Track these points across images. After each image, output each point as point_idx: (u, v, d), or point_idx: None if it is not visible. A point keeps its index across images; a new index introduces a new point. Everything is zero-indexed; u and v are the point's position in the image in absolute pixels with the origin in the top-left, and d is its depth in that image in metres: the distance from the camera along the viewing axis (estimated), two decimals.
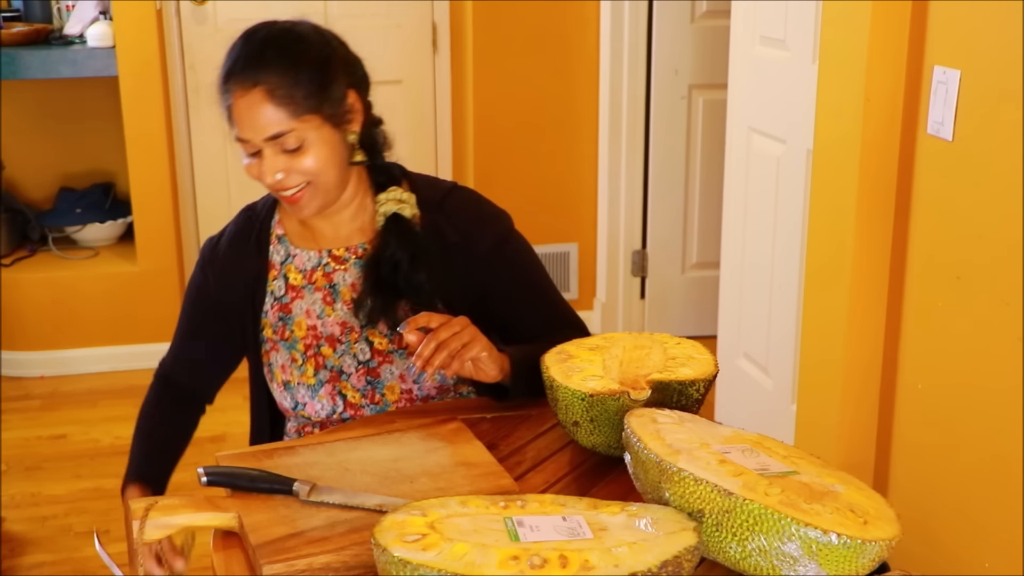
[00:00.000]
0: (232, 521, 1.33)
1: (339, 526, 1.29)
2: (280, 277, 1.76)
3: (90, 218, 4.06)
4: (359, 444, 1.50)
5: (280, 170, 1.62)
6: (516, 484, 1.41)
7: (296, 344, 1.74)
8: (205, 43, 4.04)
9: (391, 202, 1.72)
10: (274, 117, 1.59)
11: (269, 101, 1.59)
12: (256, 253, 1.77)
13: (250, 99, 1.60)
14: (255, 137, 1.61)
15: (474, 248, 1.74)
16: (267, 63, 1.60)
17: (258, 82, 1.59)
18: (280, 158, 1.61)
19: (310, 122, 1.61)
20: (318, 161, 1.62)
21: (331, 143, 1.64)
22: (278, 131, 1.59)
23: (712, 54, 3.82)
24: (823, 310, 2.45)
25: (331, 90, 1.63)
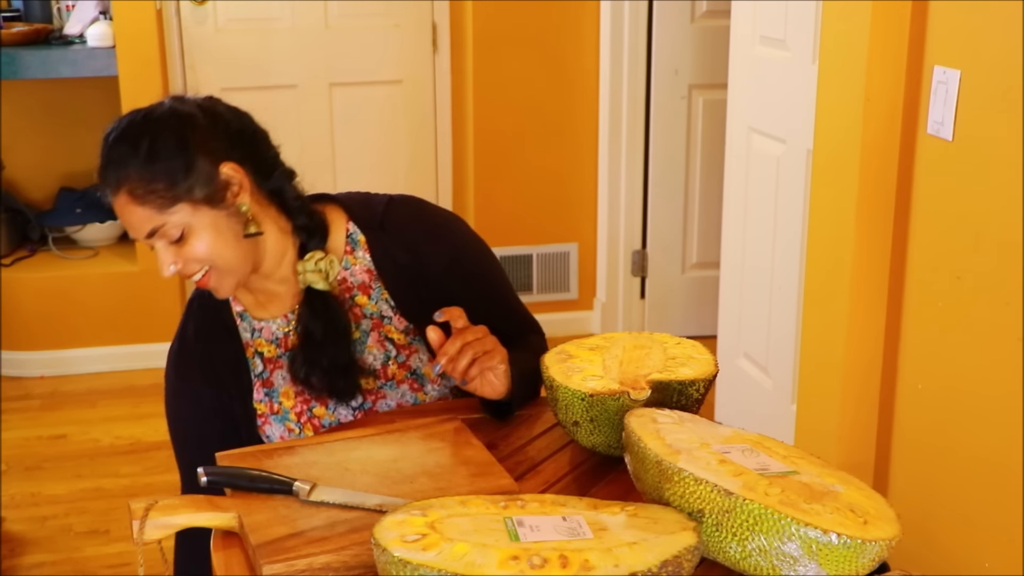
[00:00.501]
0: (232, 521, 1.32)
1: (339, 526, 1.29)
2: (255, 355, 1.72)
3: (90, 218, 4.06)
4: (359, 444, 1.50)
5: (172, 262, 1.57)
6: (516, 484, 1.41)
7: (288, 415, 1.70)
8: (205, 43, 4.04)
9: (307, 273, 1.65)
10: (143, 215, 1.54)
11: (133, 202, 1.53)
12: (228, 338, 1.72)
13: (118, 202, 1.55)
14: (137, 235, 1.56)
15: (429, 266, 1.70)
16: (122, 164, 1.54)
17: (119, 185, 1.54)
18: (170, 249, 1.56)
19: (183, 210, 1.54)
20: (206, 246, 1.56)
21: (214, 224, 1.56)
22: (151, 228, 1.54)
23: (712, 54, 3.82)
24: (823, 310, 2.45)
25: (195, 174, 1.54)
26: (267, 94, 4.13)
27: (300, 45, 4.08)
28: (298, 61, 4.08)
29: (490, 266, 1.79)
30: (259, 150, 1.65)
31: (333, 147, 4.22)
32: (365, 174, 4.18)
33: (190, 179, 1.54)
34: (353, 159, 4.18)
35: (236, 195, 1.58)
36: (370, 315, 1.71)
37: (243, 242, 1.59)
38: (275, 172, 1.66)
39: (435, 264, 1.71)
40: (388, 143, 4.20)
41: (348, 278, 1.71)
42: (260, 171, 1.63)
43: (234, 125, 1.63)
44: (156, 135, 1.55)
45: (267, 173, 1.64)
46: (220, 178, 1.56)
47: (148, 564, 1.35)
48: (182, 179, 1.53)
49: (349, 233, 1.72)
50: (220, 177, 1.56)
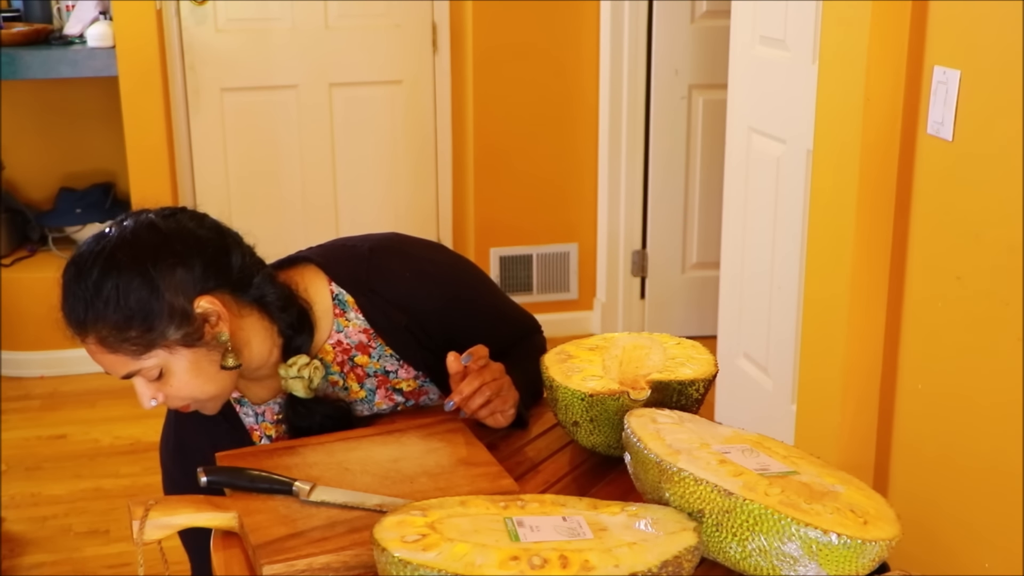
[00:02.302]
0: (232, 521, 1.32)
1: (339, 526, 1.29)
2: (264, 437, 1.67)
3: (90, 218, 4.06)
4: (359, 444, 1.50)
5: (153, 397, 1.50)
6: (516, 484, 1.41)
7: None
8: (205, 43, 4.04)
9: (290, 380, 1.57)
10: (116, 361, 1.46)
11: (104, 350, 1.45)
12: (230, 428, 1.66)
13: (88, 347, 1.47)
14: (116, 374, 1.48)
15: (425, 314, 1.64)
16: (88, 312, 1.44)
17: (87, 333, 1.45)
18: (150, 386, 1.49)
19: (158, 353, 1.46)
20: (185, 385, 1.49)
21: (193, 363, 1.48)
22: (127, 372, 1.47)
23: (712, 54, 3.82)
24: (823, 310, 2.45)
25: (167, 317, 1.45)
26: (267, 94, 4.13)
27: (300, 45, 4.08)
28: (298, 61, 4.08)
29: (481, 289, 1.75)
30: (232, 265, 1.52)
31: (333, 147, 4.22)
32: (365, 175, 4.18)
33: (163, 323, 1.44)
34: (353, 160, 4.18)
35: (214, 326, 1.48)
36: (374, 373, 1.67)
37: (220, 375, 1.52)
38: (253, 281, 1.54)
39: (431, 310, 1.64)
40: (388, 143, 4.20)
41: (343, 340, 1.64)
42: (238, 287, 1.53)
43: (206, 246, 1.50)
44: (123, 279, 1.44)
45: (245, 286, 1.54)
46: (196, 314, 1.47)
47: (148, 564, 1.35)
48: (156, 324, 1.44)
49: (335, 295, 1.63)
50: (196, 313, 1.47)
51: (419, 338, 1.65)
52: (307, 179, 4.15)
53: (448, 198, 4.23)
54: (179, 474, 1.69)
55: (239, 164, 4.16)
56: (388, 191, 4.20)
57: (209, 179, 4.15)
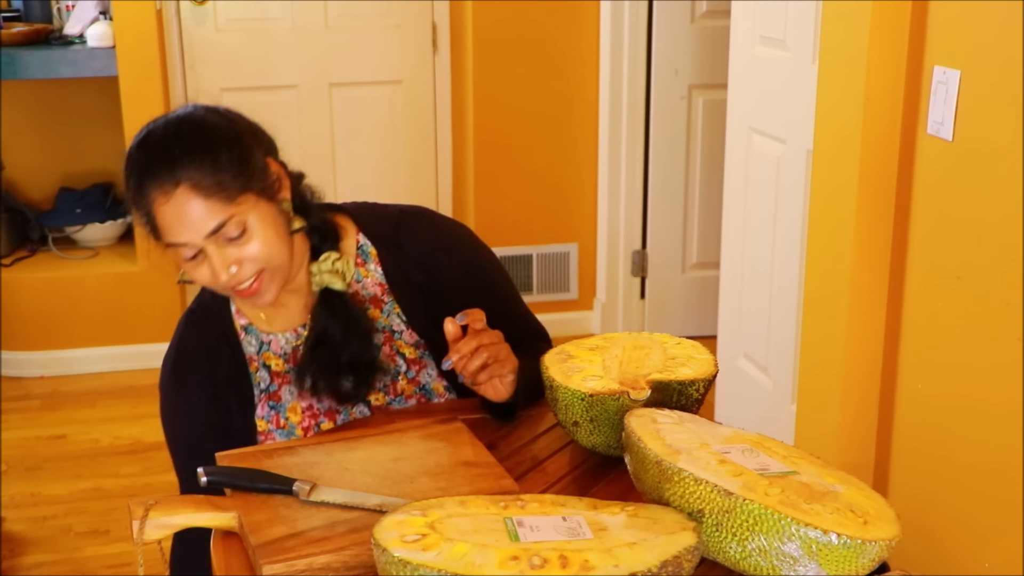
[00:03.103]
0: (232, 521, 1.32)
1: (339, 526, 1.29)
2: (261, 368, 1.67)
3: (90, 218, 4.06)
4: (359, 444, 1.50)
5: (232, 262, 1.50)
6: (516, 484, 1.41)
7: (294, 430, 1.67)
8: (205, 43, 4.04)
9: (323, 274, 1.62)
10: (209, 209, 1.46)
11: (197, 195, 1.45)
12: (230, 352, 1.66)
13: (176, 201, 1.46)
14: (194, 238, 1.47)
15: (442, 281, 1.68)
16: (180, 158, 1.47)
17: (178, 181, 1.46)
18: (227, 251, 1.49)
19: (246, 202, 1.49)
20: (265, 243, 1.51)
21: (271, 218, 1.52)
22: (218, 223, 1.47)
23: (712, 54, 3.82)
24: (823, 310, 2.45)
25: (253, 162, 1.51)
26: (267, 94, 4.13)
27: (300, 45, 4.08)
28: (298, 61, 4.08)
29: (499, 275, 1.79)
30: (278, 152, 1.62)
31: (333, 147, 4.22)
32: (365, 174, 4.18)
33: (251, 169, 1.50)
34: (353, 159, 4.18)
35: (281, 190, 1.55)
36: (382, 328, 1.69)
37: (290, 240, 1.56)
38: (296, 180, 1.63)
39: (448, 277, 1.69)
40: (388, 143, 4.20)
41: (360, 291, 1.68)
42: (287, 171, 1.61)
43: (261, 127, 1.60)
44: (207, 128, 1.52)
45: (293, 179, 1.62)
46: (271, 171, 1.54)
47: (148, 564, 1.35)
48: (246, 168, 1.49)
49: (360, 245, 1.69)
50: (271, 169, 1.54)
51: (429, 302, 1.67)
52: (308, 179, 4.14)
53: (448, 198, 4.23)
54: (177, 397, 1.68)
55: None
56: (388, 191, 4.20)
57: None
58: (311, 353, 1.63)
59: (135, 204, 1.52)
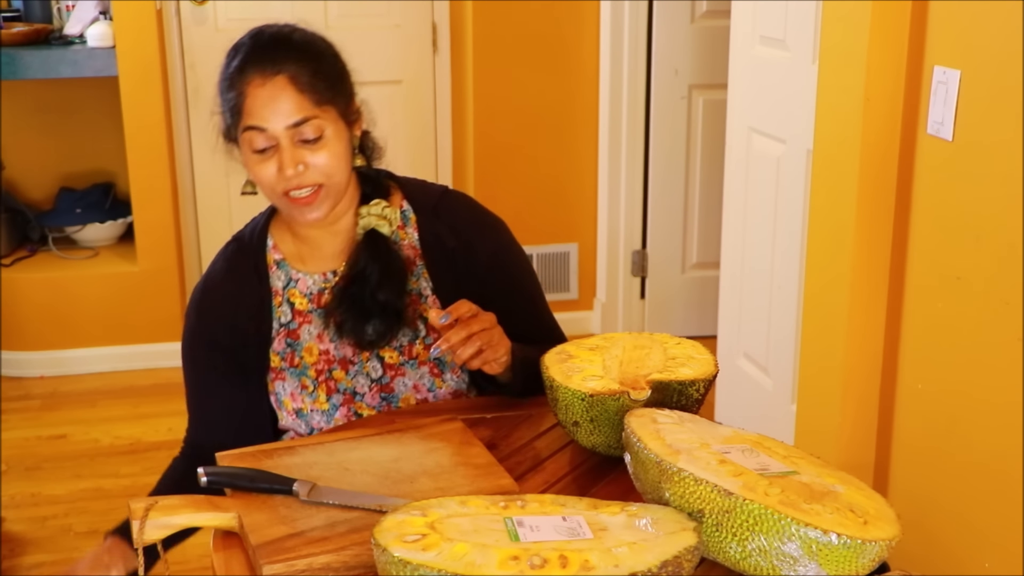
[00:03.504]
0: (232, 521, 1.33)
1: (339, 526, 1.29)
2: (284, 303, 1.71)
3: (90, 218, 4.06)
4: (359, 444, 1.50)
5: (300, 162, 1.58)
6: (516, 484, 1.41)
7: (307, 371, 1.70)
8: (205, 43, 4.03)
9: (371, 216, 1.68)
10: (298, 103, 1.57)
11: (292, 87, 1.57)
12: (257, 282, 1.72)
13: (272, 86, 1.57)
14: (276, 125, 1.57)
15: (474, 256, 1.73)
16: (287, 52, 1.59)
17: (280, 70, 1.57)
18: (299, 151, 1.58)
19: (329, 113, 1.60)
20: (333, 157, 1.60)
21: (344, 140, 1.63)
22: (302, 117, 1.57)
23: (712, 54, 3.82)
24: (823, 310, 2.45)
25: (345, 84, 1.64)
26: None
27: None
28: None
29: (528, 272, 1.84)
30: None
31: None
32: None
33: (342, 87, 1.63)
34: None
35: (357, 124, 1.67)
36: (409, 291, 1.72)
37: (351, 171, 1.67)
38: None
39: (480, 256, 1.74)
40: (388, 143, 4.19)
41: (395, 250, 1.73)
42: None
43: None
44: (316, 39, 1.64)
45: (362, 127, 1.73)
46: (355, 102, 1.66)
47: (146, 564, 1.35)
48: (339, 85, 1.62)
49: (403, 209, 1.75)
50: (355, 103, 1.66)
51: (459, 274, 1.72)
52: None
53: None
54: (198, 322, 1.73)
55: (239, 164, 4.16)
56: None
57: (209, 179, 4.15)
58: (344, 291, 1.67)
59: (228, 85, 1.62)
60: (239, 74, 1.60)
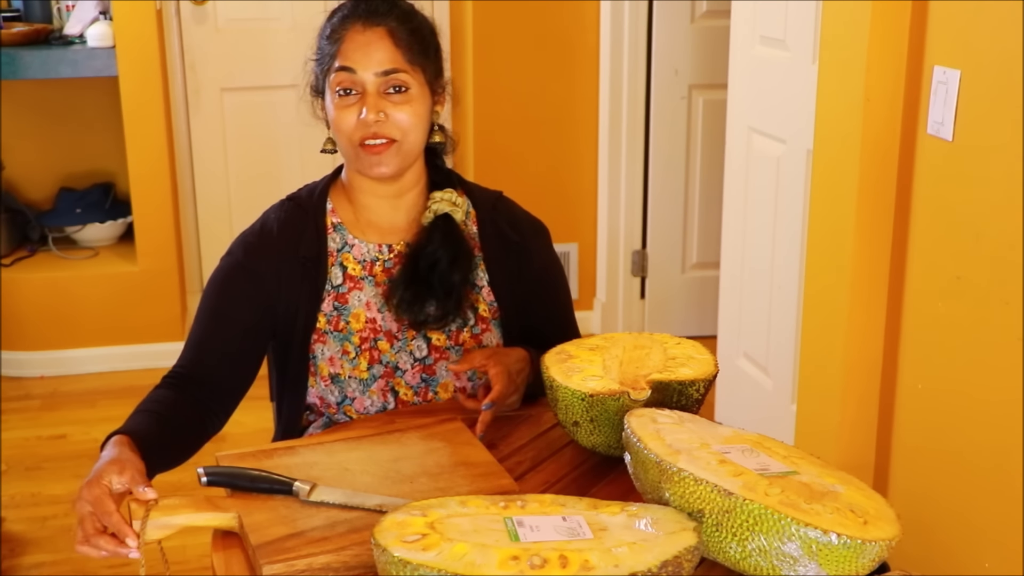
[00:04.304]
0: (232, 521, 1.33)
1: (339, 526, 1.29)
2: (337, 266, 1.73)
3: (90, 218, 4.06)
4: (359, 444, 1.50)
5: (382, 110, 1.63)
6: (516, 484, 1.41)
7: (351, 336, 1.72)
8: (205, 43, 4.04)
9: (444, 202, 1.74)
10: (391, 54, 1.64)
11: (390, 39, 1.64)
12: (315, 238, 1.73)
13: (371, 35, 1.64)
14: (368, 69, 1.63)
15: (529, 257, 1.80)
16: (391, 8, 1.67)
17: (381, 22, 1.65)
18: (382, 100, 1.64)
19: (417, 75, 1.66)
20: (413, 115, 1.66)
21: (426, 105, 1.68)
22: (393, 67, 1.64)
23: (712, 54, 3.82)
24: (823, 310, 2.45)
25: (437, 56, 1.71)
26: (267, 94, 4.13)
27: (300, 45, 4.06)
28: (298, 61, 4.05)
29: (565, 282, 1.91)
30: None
31: None
32: None
33: (434, 56, 1.70)
34: None
35: (440, 101, 1.73)
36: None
37: (425, 141, 1.72)
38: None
39: (534, 259, 1.81)
40: None
41: None
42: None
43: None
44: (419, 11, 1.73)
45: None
46: (443, 79, 1.73)
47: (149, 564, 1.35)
48: (431, 54, 1.69)
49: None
50: (443, 78, 1.73)
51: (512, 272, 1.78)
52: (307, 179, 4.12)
53: None
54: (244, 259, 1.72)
55: (239, 164, 4.16)
56: None
57: (209, 179, 4.15)
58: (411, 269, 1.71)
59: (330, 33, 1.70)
60: (341, 24, 1.68)
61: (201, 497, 1.36)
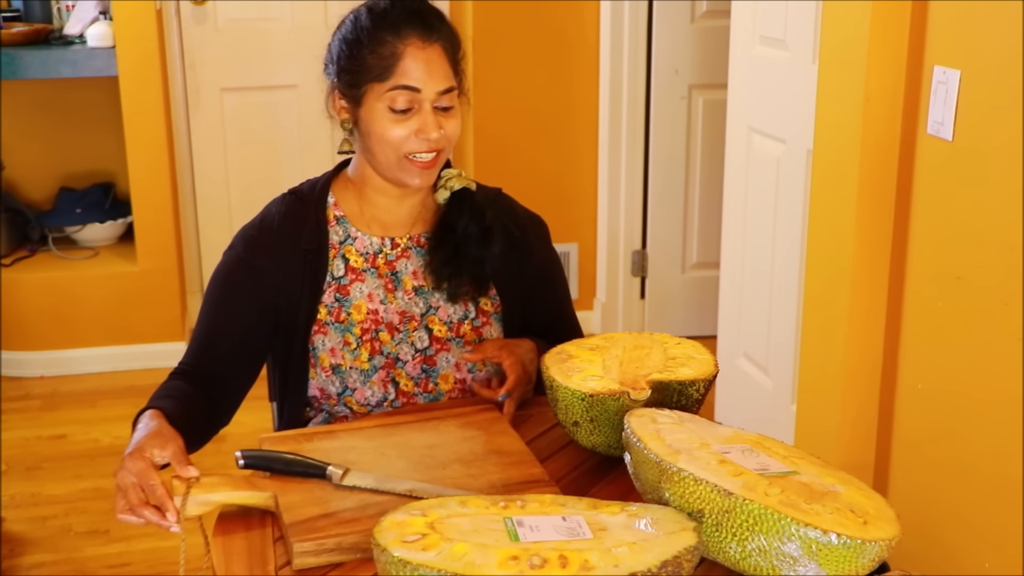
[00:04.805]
0: (268, 500, 1.36)
1: (369, 508, 1.32)
2: (339, 258, 1.75)
3: (90, 218, 4.06)
4: (397, 430, 1.54)
5: (441, 127, 1.66)
6: (546, 473, 1.43)
7: (352, 328, 1.73)
8: (205, 43, 4.04)
9: (456, 178, 1.76)
10: (447, 72, 1.66)
11: (445, 56, 1.66)
12: (318, 231, 1.74)
13: (431, 52, 1.65)
14: (430, 88, 1.65)
15: (530, 252, 1.82)
16: (440, 22, 1.68)
17: (435, 39, 1.66)
18: (437, 116, 1.67)
19: (457, 88, 1.69)
20: (457, 127, 1.69)
21: (462, 115, 1.72)
22: (451, 85, 1.67)
23: (712, 54, 3.82)
24: (823, 310, 2.45)
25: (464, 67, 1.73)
26: (267, 94, 4.13)
27: (300, 45, 4.08)
28: (298, 61, 4.08)
29: (563, 277, 1.93)
30: None
31: (333, 147, 4.20)
32: None
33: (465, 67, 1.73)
34: None
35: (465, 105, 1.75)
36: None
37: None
38: None
39: (535, 254, 1.84)
40: None
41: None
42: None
43: None
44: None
45: None
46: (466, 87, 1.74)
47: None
48: (463, 63, 1.72)
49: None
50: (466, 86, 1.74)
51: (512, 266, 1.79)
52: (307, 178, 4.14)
53: None
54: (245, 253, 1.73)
55: (239, 164, 4.16)
56: None
57: (209, 179, 4.15)
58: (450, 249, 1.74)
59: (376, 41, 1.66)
60: (394, 32, 1.65)
61: (239, 477, 1.39)
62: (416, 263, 1.76)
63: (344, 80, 1.71)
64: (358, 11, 1.72)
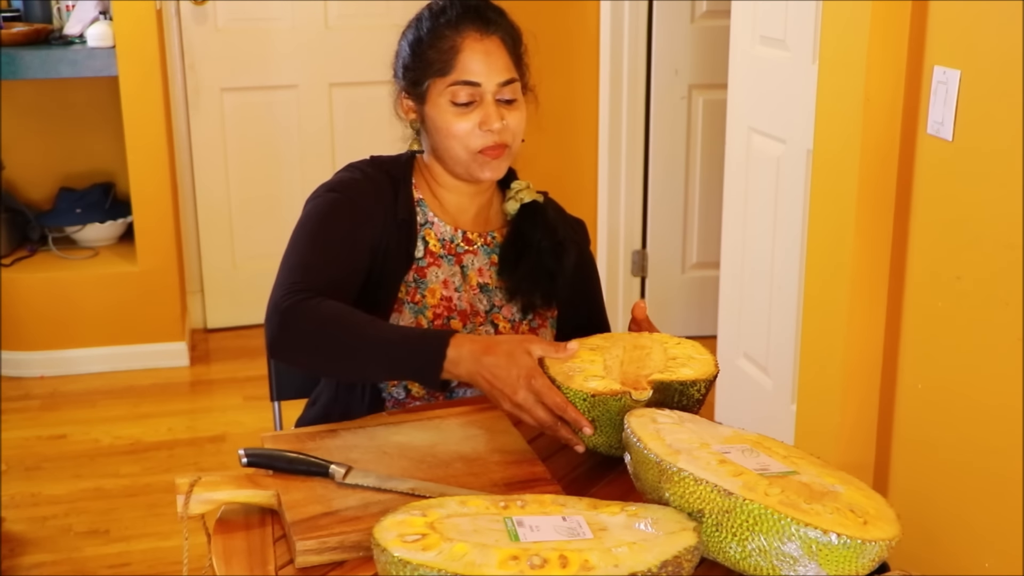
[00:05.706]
0: (271, 499, 1.36)
1: (372, 507, 1.32)
2: (420, 239, 1.75)
3: (90, 218, 4.06)
4: (400, 429, 1.54)
5: (503, 118, 1.66)
6: (548, 471, 1.43)
7: (425, 311, 1.73)
8: (205, 43, 4.04)
9: (523, 191, 1.80)
10: (507, 64, 1.67)
11: (504, 48, 1.67)
12: (407, 203, 1.74)
13: (488, 44, 1.66)
14: (490, 80, 1.66)
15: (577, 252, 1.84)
16: (498, 15, 1.70)
17: (493, 31, 1.67)
18: (500, 108, 1.67)
19: (519, 81, 1.70)
20: (522, 120, 1.70)
21: (526, 110, 1.72)
22: (512, 76, 1.67)
23: (712, 54, 3.82)
24: (823, 310, 2.45)
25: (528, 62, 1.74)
26: (267, 94, 4.14)
27: (300, 45, 4.08)
28: (298, 61, 4.08)
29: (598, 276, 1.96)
30: None
31: (333, 147, 4.22)
32: None
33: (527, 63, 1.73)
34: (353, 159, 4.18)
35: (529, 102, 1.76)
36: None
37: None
38: None
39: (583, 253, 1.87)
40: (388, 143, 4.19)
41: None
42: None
43: None
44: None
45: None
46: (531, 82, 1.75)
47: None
48: (525, 58, 1.73)
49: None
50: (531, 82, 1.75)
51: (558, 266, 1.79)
52: (307, 179, 4.14)
53: None
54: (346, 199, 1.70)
55: (239, 164, 4.16)
56: None
57: (209, 179, 4.15)
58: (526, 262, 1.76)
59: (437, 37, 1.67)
60: (453, 28, 1.67)
61: (242, 475, 1.40)
62: (482, 260, 1.78)
63: (408, 79, 1.73)
64: (420, 12, 1.74)
